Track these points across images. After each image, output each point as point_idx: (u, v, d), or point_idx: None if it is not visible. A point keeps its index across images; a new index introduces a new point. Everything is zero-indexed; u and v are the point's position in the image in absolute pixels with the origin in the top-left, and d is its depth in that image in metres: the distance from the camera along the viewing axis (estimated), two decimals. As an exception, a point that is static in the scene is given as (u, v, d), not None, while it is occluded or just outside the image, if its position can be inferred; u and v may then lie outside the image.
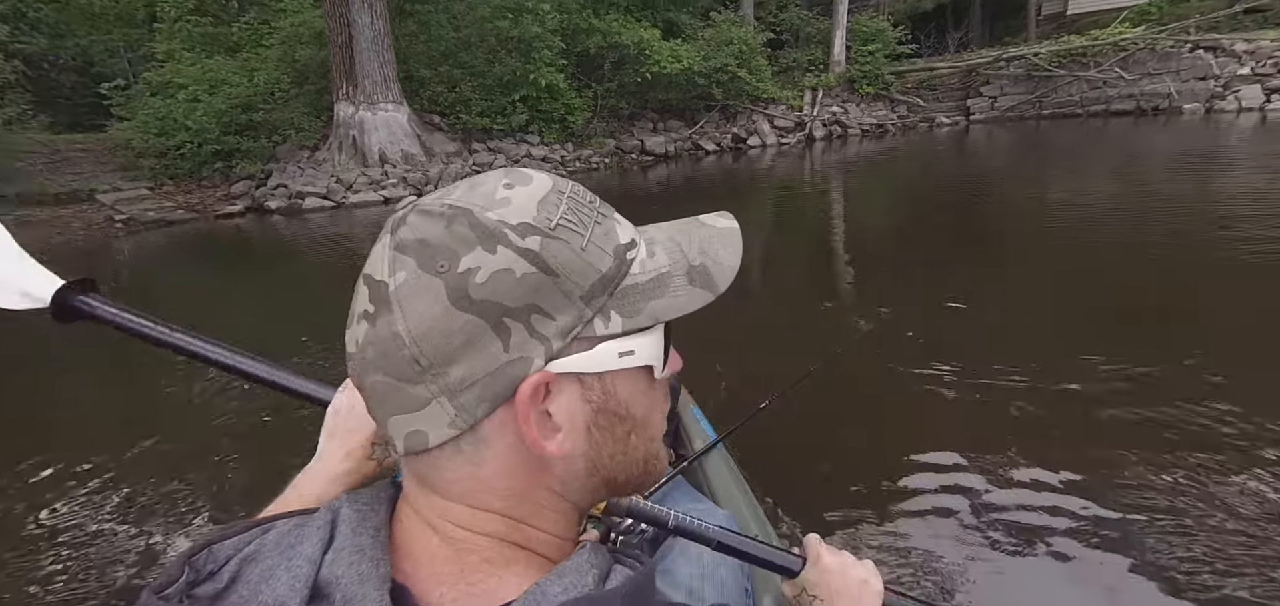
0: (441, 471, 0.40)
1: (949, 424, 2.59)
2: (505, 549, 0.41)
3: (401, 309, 0.37)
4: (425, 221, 0.38)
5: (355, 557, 0.38)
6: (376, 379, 0.39)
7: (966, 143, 13.13)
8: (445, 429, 0.38)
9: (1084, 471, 2.17)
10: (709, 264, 0.44)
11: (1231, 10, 14.52)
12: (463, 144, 12.96)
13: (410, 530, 0.42)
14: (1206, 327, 3.39)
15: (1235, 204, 6.13)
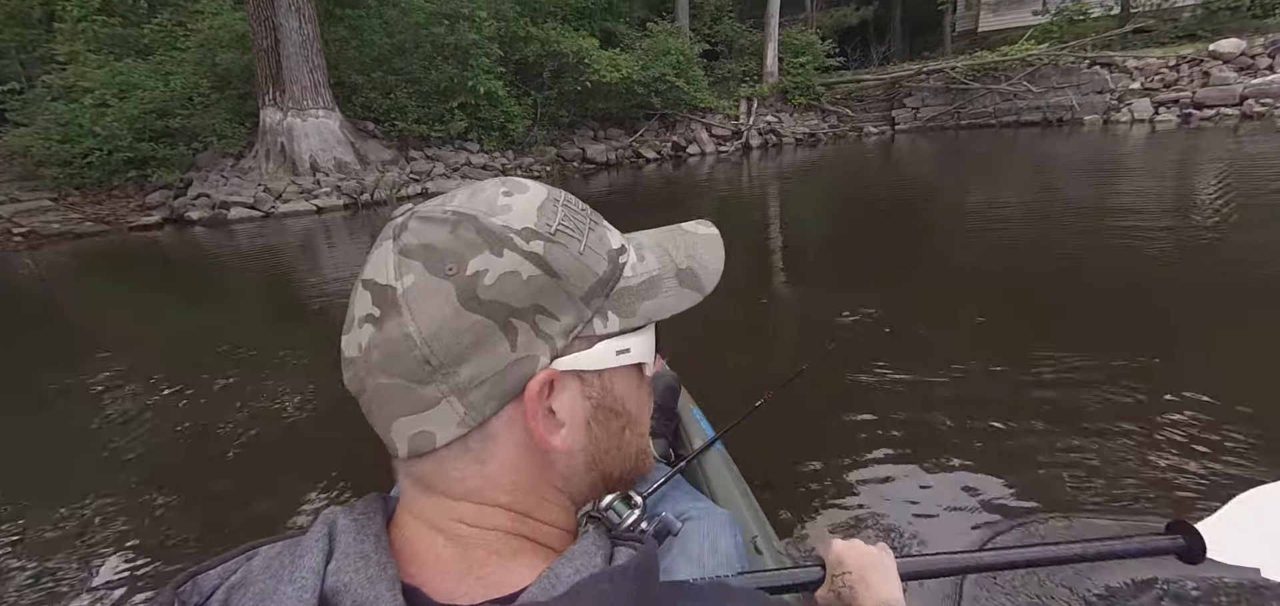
0: (447, 471, 0.41)
1: (911, 411, 2.75)
2: (511, 541, 0.42)
3: (411, 311, 0.38)
4: (429, 227, 0.39)
5: (361, 563, 0.38)
6: (382, 382, 0.39)
7: (893, 151, 13.80)
8: (454, 428, 0.39)
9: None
10: (696, 267, 0.47)
11: (1122, 30, 15.84)
12: (399, 151, 12.63)
13: (412, 535, 0.42)
14: (1123, 316, 3.73)
15: (1133, 205, 6.72)
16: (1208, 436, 2.33)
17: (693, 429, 1.63)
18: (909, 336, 3.54)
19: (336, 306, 5.64)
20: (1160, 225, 5.92)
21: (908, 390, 2.93)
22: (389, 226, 0.41)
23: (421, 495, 0.42)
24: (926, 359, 3.19)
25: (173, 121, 11.15)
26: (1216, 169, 8.67)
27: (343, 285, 6.32)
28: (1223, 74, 12.84)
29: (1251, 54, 12.93)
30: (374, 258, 0.40)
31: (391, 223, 0.41)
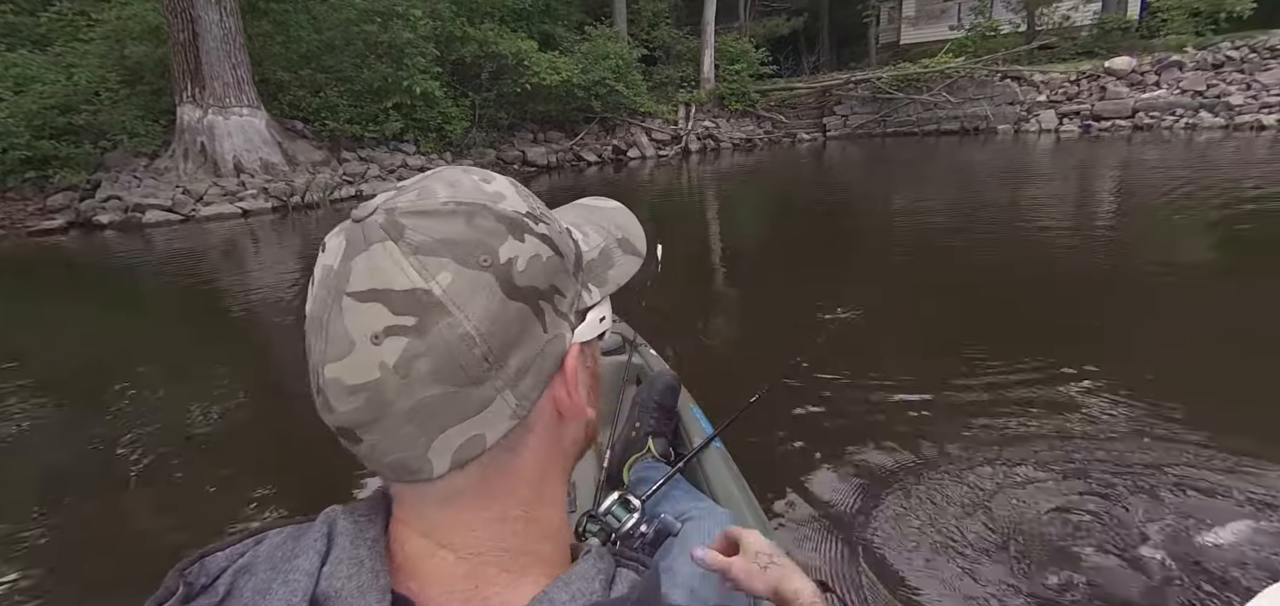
0: (485, 475, 0.40)
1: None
2: (520, 558, 0.41)
3: (461, 309, 0.36)
4: (435, 221, 0.37)
5: (354, 569, 0.38)
6: (430, 393, 0.36)
7: (826, 157, 14.36)
8: (505, 422, 0.38)
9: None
10: (628, 235, 0.49)
11: (1029, 47, 17.03)
12: (330, 152, 12.17)
13: (416, 551, 0.41)
14: (1039, 305, 4.07)
15: (1043, 208, 7.29)
16: (1117, 409, 2.66)
17: (693, 428, 1.63)
18: (873, 335, 3.74)
19: (263, 312, 5.42)
20: (1067, 226, 6.51)
21: (871, 386, 3.11)
22: (362, 229, 0.37)
23: (437, 511, 0.40)
24: (883, 352, 3.39)
25: (77, 118, 10.34)
26: (1113, 175, 9.50)
27: (273, 290, 6.07)
28: (1117, 89, 14.02)
29: (1141, 71, 14.18)
30: (364, 266, 0.36)
31: (362, 225, 0.37)
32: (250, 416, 3.37)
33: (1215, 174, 8.41)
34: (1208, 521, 1.95)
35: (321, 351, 0.37)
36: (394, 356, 0.35)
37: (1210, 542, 1.87)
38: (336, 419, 0.38)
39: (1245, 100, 12.41)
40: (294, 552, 0.39)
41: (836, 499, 2.25)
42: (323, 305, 0.37)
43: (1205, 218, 6.27)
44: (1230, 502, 2.05)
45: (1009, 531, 2.00)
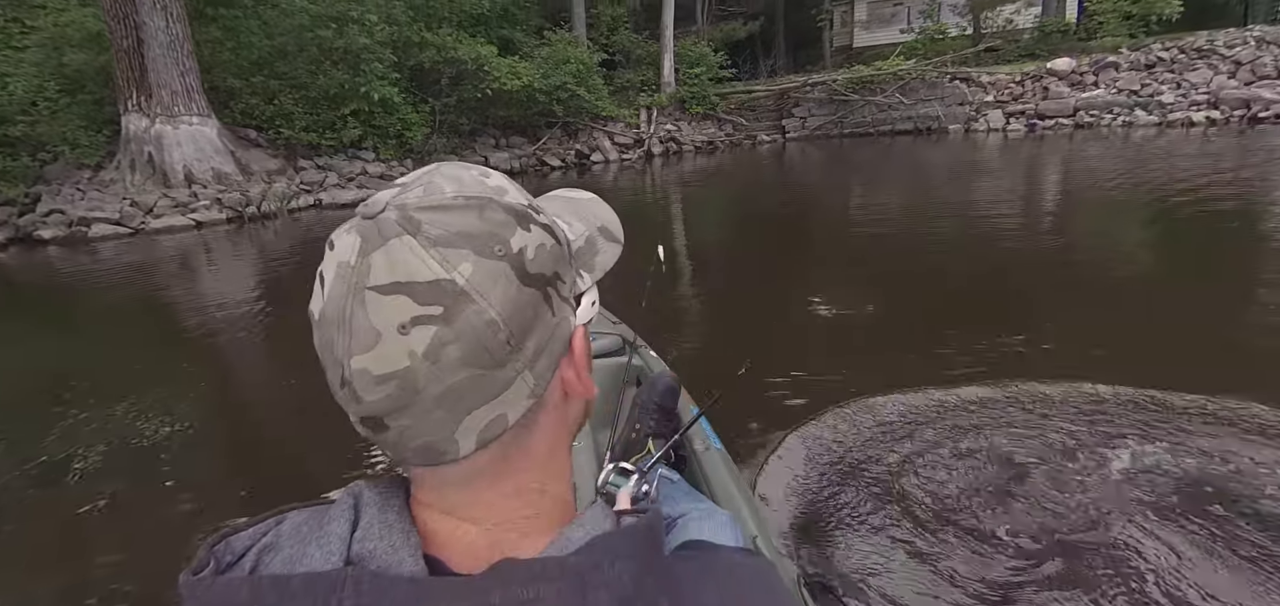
0: (505, 453, 0.42)
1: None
2: (536, 522, 0.44)
3: (484, 297, 0.38)
4: (449, 215, 0.39)
5: (385, 532, 0.40)
6: (459, 378, 0.38)
7: (786, 158, 14.64)
8: (525, 401, 0.41)
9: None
10: (607, 223, 0.51)
11: (976, 49, 17.69)
12: (286, 161, 11.86)
13: (441, 527, 0.43)
14: (993, 291, 4.27)
15: (994, 202, 7.59)
16: (1057, 374, 2.92)
17: (694, 430, 1.64)
18: (838, 322, 3.86)
19: (221, 326, 5.26)
20: (1015, 218, 6.80)
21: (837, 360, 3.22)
22: (377, 225, 0.38)
23: (458, 491, 0.43)
24: (848, 336, 3.51)
25: (13, 129, 9.86)
26: (1057, 171, 9.95)
27: (230, 303, 5.89)
28: (1059, 89, 14.67)
29: (1080, 72, 14.87)
30: (384, 260, 0.37)
31: (376, 221, 0.38)
32: (205, 433, 3.29)
33: (1149, 169, 8.90)
34: (1129, 456, 2.32)
35: (345, 345, 0.38)
36: (423, 344, 0.37)
37: (1126, 469, 2.25)
38: (364, 408, 0.39)
39: (1176, 99, 13.14)
40: (323, 521, 0.41)
41: (806, 476, 2.39)
42: (342, 301, 0.38)
43: (1140, 210, 6.65)
44: (1157, 442, 2.37)
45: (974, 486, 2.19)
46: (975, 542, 1.98)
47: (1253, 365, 2.99)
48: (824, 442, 2.59)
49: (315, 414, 3.48)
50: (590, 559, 0.37)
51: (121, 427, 3.30)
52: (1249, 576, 1.76)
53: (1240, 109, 12.17)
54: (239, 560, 0.40)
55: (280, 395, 3.96)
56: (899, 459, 2.41)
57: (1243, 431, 2.40)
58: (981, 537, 1.98)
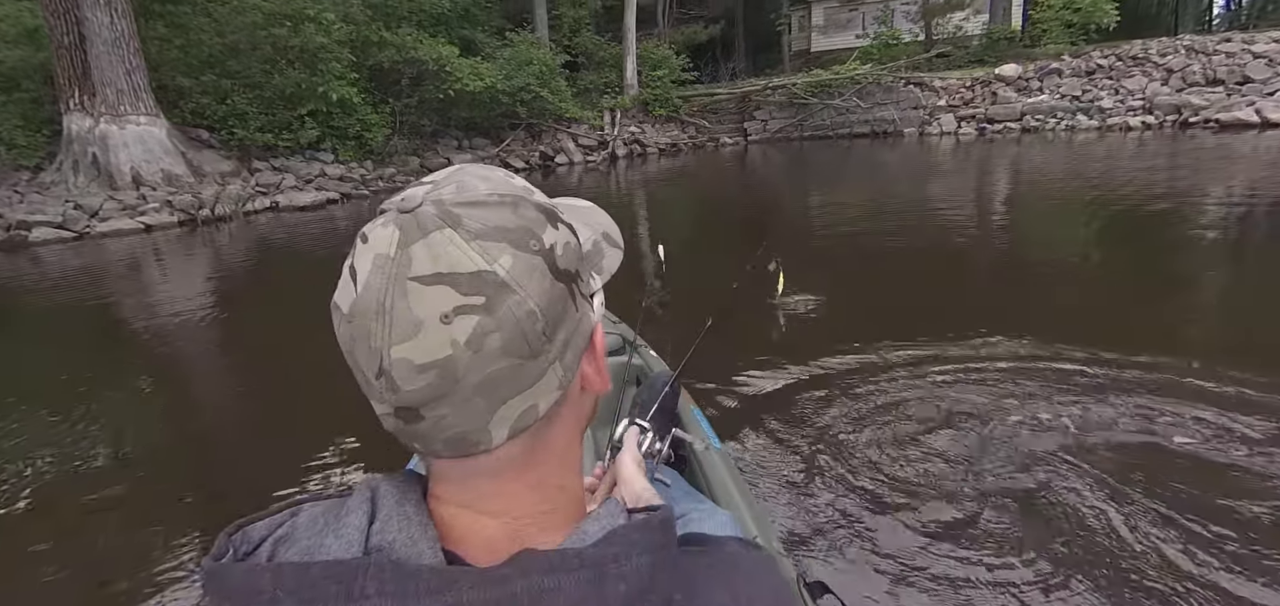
0: (531, 441, 0.43)
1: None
2: (553, 517, 0.45)
3: (523, 288, 0.39)
4: (487, 210, 0.40)
5: (403, 524, 0.41)
6: (499, 366, 0.39)
7: (748, 160, 14.88)
8: (555, 391, 0.42)
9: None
10: (608, 230, 0.52)
11: (928, 55, 18.26)
12: (240, 162, 11.52)
13: (460, 520, 0.43)
14: (947, 283, 4.46)
15: (949, 201, 7.90)
16: (1000, 351, 3.22)
17: (693, 430, 1.63)
18: (806, 310, 3.98)
19: (172, 332, 5.10)
20: (966, 215, 7.09)
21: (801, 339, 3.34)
22: (416, 219, 0.39)
23: (486, 482, 0.43)
24: (813, 323, 3.63)
25: (-58, 129, 9.37)
26: (1006, 173, 10.39)
27: (181, 308, 5.71)
28: (1007, 93, 15.28)
29: (1026, 78, 15.52)
30: (425, 252, 0.38)
31: (415, 215, 0.39)
32: (155, 444, 3.20)
33: (1089, 171, 9.38)
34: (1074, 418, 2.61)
35: (384, 335, 0.38)
36: (465, 333, 0.38)
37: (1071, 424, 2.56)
38: (401, 398, 0.39)
39: (1114, 104, 13.82)
40: (341, 513, 0.41)
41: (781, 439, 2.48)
42: (381, 291, 0.38)
43: (1081, 209, 7.02)
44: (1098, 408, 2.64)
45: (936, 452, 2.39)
46: (971, 535, 2.02)
47: (1172, 337, 3.45)
48: (818, 435, 2.65)
49: (273, 422, 3.45)
50: (609, 551, 0.38)
51: (59, 440, 3.18)
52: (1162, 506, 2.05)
53: (1172, 114, 12.88)
54: (256, 549, 0.41)
55: (234, 403, 3.88)
56: (895, 453, 2.47)
57: (1168, 393, 2.74)
58: (974, 531, 2.04)
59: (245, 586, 0.37)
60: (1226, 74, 13.27)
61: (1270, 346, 3.19)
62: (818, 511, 2.22)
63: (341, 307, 0.40)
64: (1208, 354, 3.02)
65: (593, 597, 0.36)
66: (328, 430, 3.05)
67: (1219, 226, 5.95)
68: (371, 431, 2.99)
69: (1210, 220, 6.16)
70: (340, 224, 10.05)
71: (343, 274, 0.41)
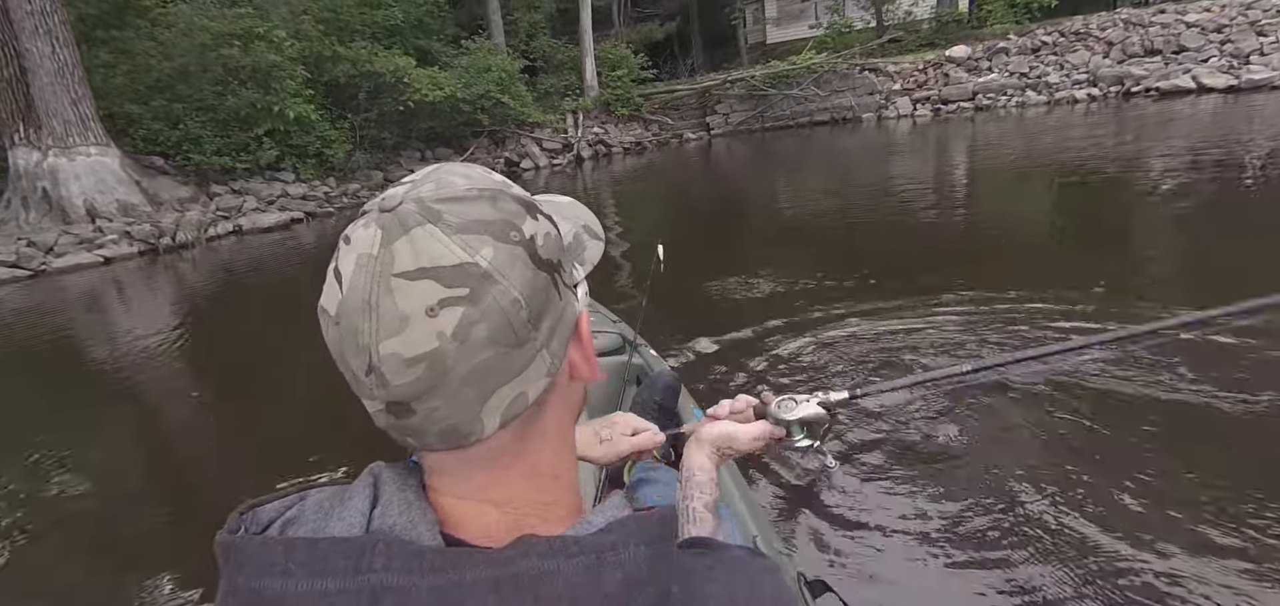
0: (523, 429, 0.44)
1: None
2: (553, 508, 0.47)
3: (506, 278, 0.40)
4: (466, 205, 0.41)
5: (404, 509, 0.42)
6: (485, 356, 0.39)
7: (713, 154, 15.04)
8: (543, 378, 0.43)
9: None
10: (588, 222, 0.53)
11: (880, 41, 18.67)
12: (198, 187, 11.26)
13: (460, 509, 0.44)
14: (914, 255, 4.65)
15: (909, 180, 8.14)
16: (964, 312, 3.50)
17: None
18: (778, 286, 4.11)
19: (138, 366, 4.98)
20: (928, 192, 7.33)
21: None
22: (397, 217, 0.40)
23: (481, 471, 0.44)
24: (789, 294, 3.76)
25: (-123, 172, 8.97)
26: (962, 150, 10.72)
27: (147, 341, 5.58)
28: (958, 75, 15.71)
29: (976, 58, 15.98)
30: (408, 248, 0.39)
31: (396, 214, 0.40)
32: (126, 473, 3.19)
33: (1040, 144, 9.75)
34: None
35: (372, 332, 0.38)
36: (451, 325, 0.38)
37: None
38: (391, 393, 0.40)
39: (1060, 79, 14.33)
40: (344, 498, 0.43)
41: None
42: (366, 289, 0.39)
43: (1035, 178, 7.32)
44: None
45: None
46: (970, 533, 2.03)
47: (1109, 289, 3.70)
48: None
49: (249, 444, 3.44)
50: (608, 539, 0.39)
51: (31, 478, 3.13)
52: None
53: (1115, 86, 13.42)
54: (265, 530, 0.42)
55: (207, 428, 3.83)
56: (889, 446, 2.48)
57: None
58: (974, 528, 2.04)
59: (259, 557, 0.39)
60: (1163, 44, 13.87)
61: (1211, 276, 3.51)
62: (817, 510, 2.22)
63: (329, 310, 0.41)
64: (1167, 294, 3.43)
65: (590, 582, 0.37)
66: (303, 447, 3.06)
67: (1164, 183, 6.28)
68: (346, 444, 3.07)
69: (1154, 179, 6.48)
70: (306, 243, 9.91)
71: (327, 278, 0.41)
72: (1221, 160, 6.79)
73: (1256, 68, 12.02)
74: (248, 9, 11.91)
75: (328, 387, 3.76)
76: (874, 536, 2.05)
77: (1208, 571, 1.75)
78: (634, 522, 0.40)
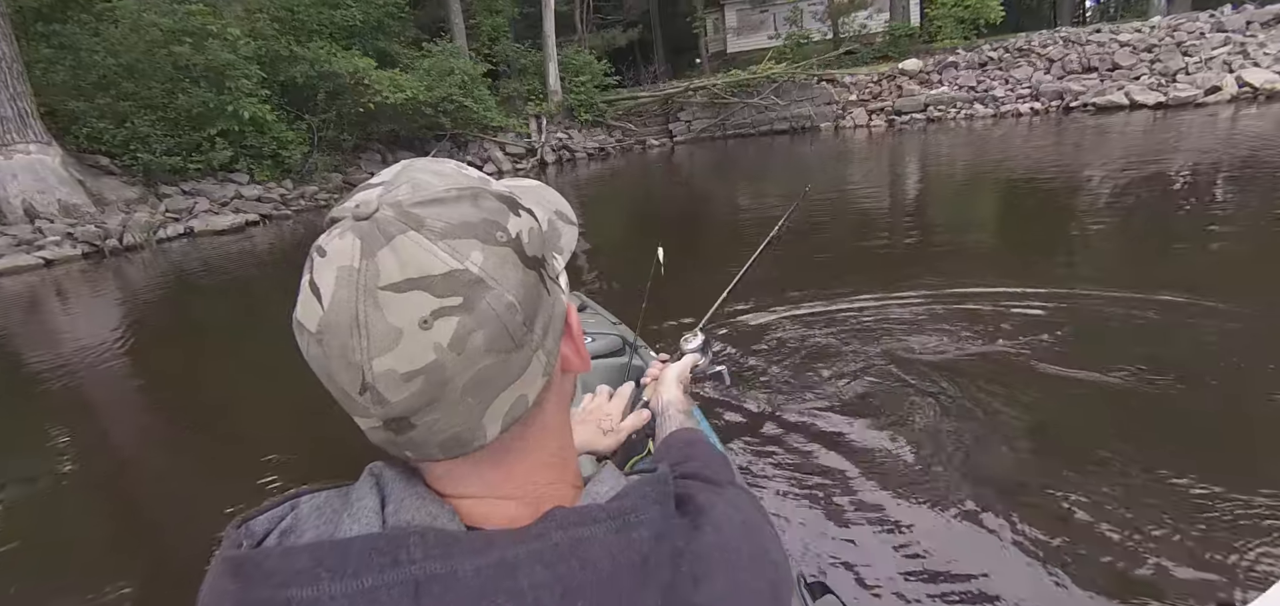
0: (525, 428, 0.44)
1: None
2: (562, 486, 0.48)
3: (499, 282, 0.38)
4: (447, 207, 0.39)
5: (419, 502, 0.41)
6: (485, 363, 0.38)
7: (676, 160, 15.24)
8: (541, 378, 0.42)
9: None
10: (559, 208, 0.50)
11: (837, 53, 19.20)
12: (146, 187, 10.86)
13: (480, 509, 0.44)
14: (866, 256, 4.85)
15: (866, 188, 8.44)
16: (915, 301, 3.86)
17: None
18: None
19: (78, 375, 4.76)
20: (884, 200, 7.62)
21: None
22: (376, 225, 0.37)
23: (491, 470, 0.44)
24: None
25: None
26: (914, 160, 11.13)
27: (88, 348, 5.36)
28: (911, 87, 16.29)
29: (927, 71, 16.59)
30: (393, 259, 0.37)
31: (373, 221, 0.37)
32: (66, 486, 3.06)
33: (988, 154, 10.22)
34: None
35: (363, 349, 0.36)
36: (448, 335, 0.37)
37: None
38: (390, 410, 0.38)
39: (1006, 93, 15.01)
40: (350, 498, 0.42)
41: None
42: (351, 305, 0.36)
43: (983, 185, 7.68)
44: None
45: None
46: (970, 530, 2.07)
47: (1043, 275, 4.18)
48: (815, 433, 2.69)
49: (202, 450, 3.34)
50: (627, 502, 0.41)
51: None
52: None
53: (1056, 100, 14.13)
54: (261, 542, 0.41)
55: (159, 434, 3.70)
56: (895, 452, 2.53)
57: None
58: (974, 525, 2.09)
59: (284, 568, 0.37)
60: (1099, 61, 14.66)
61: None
62: (817, 509, 2.22)
63: (307, 326, 0.38)
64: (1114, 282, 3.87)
65: (621, 542, 0.39)
66: (261, 450, 3.00)
67: (1100, 192, 6.68)
68: (306, 450, 3.04)
69: (1093, 187, 6.90)
70: (262, 246, 9.67)
71: (302, 291, 0.39)
72: (1149, 174, 7.26)
73: (1182, 86, 12.83)
74: (199, 5, 11.55)
75: (286, 393, 3.78)
76: (874, 537, 2.08)
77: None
78: (644, 486, 0.43)
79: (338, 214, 0.39)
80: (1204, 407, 2.61)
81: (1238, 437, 2.42)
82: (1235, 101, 11.95)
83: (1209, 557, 1.84)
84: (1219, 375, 2.81)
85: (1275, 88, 11.79)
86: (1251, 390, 2.68)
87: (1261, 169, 6.82)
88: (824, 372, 3.24)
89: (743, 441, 2.72)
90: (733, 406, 2.98)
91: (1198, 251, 4.65)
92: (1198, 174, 7.00)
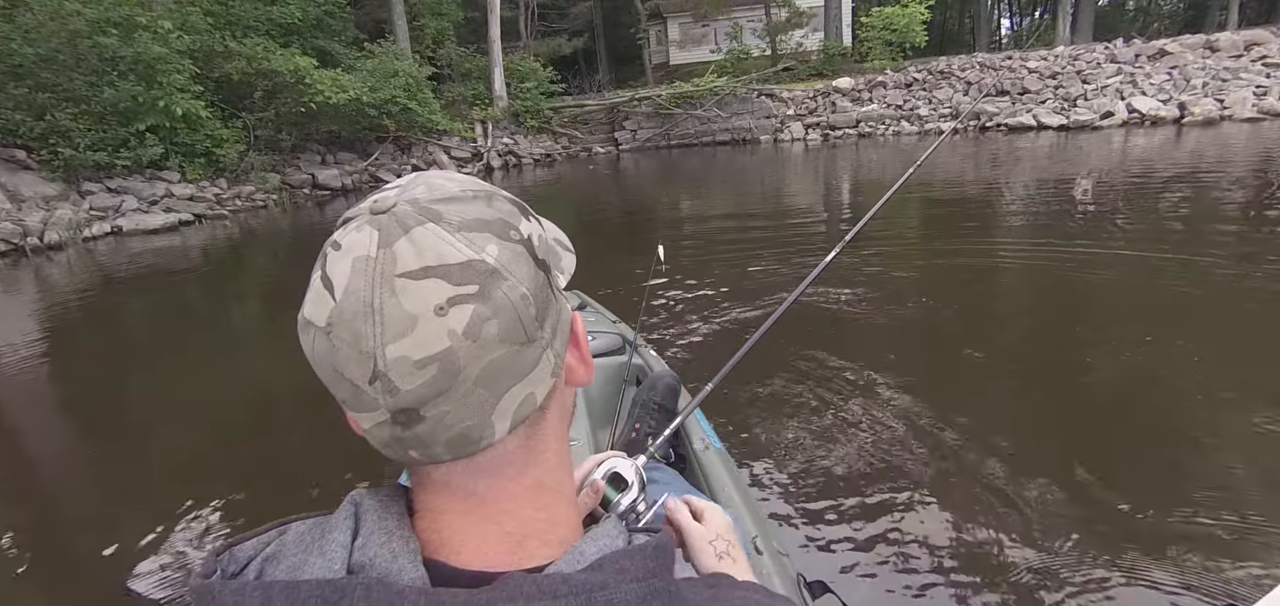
0: (529, 434, 0.43)
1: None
2: (553, 529, 0.45)
3: (513, 274, 0.39)
4: (463, 205, 0.40)
5: (385, 539, 0.40)
6: (498, 354, 0.38)
7: (622, 169, 15.53)
8: (549, 379, 0.42)
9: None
10: (558, 236, 0.50)
11: (775, 69, 20.01)
12: (67, 184, 10.32)
13: (456, 528, 0.43)
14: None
15: (802, 198, 8.95)
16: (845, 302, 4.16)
17: (693, 429, 1.63)
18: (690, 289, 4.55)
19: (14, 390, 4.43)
20: (819, 210, 8.13)
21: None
22: (395, 218, 0.38)
23: (487, 481, 0.42)
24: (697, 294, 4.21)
25: None
26: (848, 171, 11.82)
27: (18, 358, 4.92)
28: (844, 104, 17.18)
29: (859, 89, 17.54)
30: (410, 248, 0.37)
31: (392, 214, 0.38)
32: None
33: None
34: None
35: (376, 336, 0.36)
36: (462, 323, 0.37)
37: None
38: (400, 400, 0.38)
39: (929, 111, 16.05)
40: (325, 530, 0.41)
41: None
42: (366, 292, 0.36)
43: (912, 197, 8.32)
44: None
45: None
46: (969, 528, 2.09)
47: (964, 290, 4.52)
48: (814, 434, 2.73)
49: (133, 462, 3.15)
50: (599, 577, 0.38)
51: None
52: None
53: (973, 120, 15.24)
54: (243, 569, 0.41)
55: (70, 460, 3.41)
56: (894, 451, 2.55)
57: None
58: (973, 523, 2.11)
59: (235, 604, 0.38)
60: (1011, 85, 15.90)
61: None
62: (817, 509, 2.22)
63: (315, 321, 0.38)
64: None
65: None
66: (190, 470, 2.86)
67: (1016, 204, 7.37)
68: (236, 470, 2.87)
69: (1008, 199, 7.60)
70: (196, 246, 9.37)
71: (312, 286, 0.39)
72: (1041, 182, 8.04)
73: (1082, 110, 14.10)
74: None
75: (219, 405, 3.73)
76: (874, 537, 2.09)
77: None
78: (626, 558, 0.40)
79: (352, 213, 0.40)
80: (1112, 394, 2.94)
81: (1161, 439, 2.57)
82: (1126, 126, 13.24)
83: (1209, 561, 1.89)
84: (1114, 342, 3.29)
85: (1159, 115, 13.13)
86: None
87: (1153, 182, 7.72)
88: (823, 372, 3.26)
89: (740, 441, 2.72)
90: (730, 406, 2.96)
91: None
92: (1099, 187, 7.85)
